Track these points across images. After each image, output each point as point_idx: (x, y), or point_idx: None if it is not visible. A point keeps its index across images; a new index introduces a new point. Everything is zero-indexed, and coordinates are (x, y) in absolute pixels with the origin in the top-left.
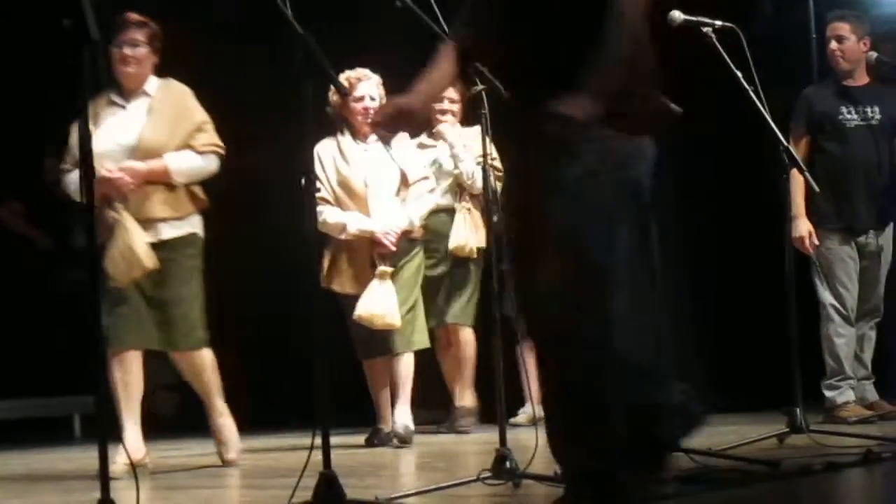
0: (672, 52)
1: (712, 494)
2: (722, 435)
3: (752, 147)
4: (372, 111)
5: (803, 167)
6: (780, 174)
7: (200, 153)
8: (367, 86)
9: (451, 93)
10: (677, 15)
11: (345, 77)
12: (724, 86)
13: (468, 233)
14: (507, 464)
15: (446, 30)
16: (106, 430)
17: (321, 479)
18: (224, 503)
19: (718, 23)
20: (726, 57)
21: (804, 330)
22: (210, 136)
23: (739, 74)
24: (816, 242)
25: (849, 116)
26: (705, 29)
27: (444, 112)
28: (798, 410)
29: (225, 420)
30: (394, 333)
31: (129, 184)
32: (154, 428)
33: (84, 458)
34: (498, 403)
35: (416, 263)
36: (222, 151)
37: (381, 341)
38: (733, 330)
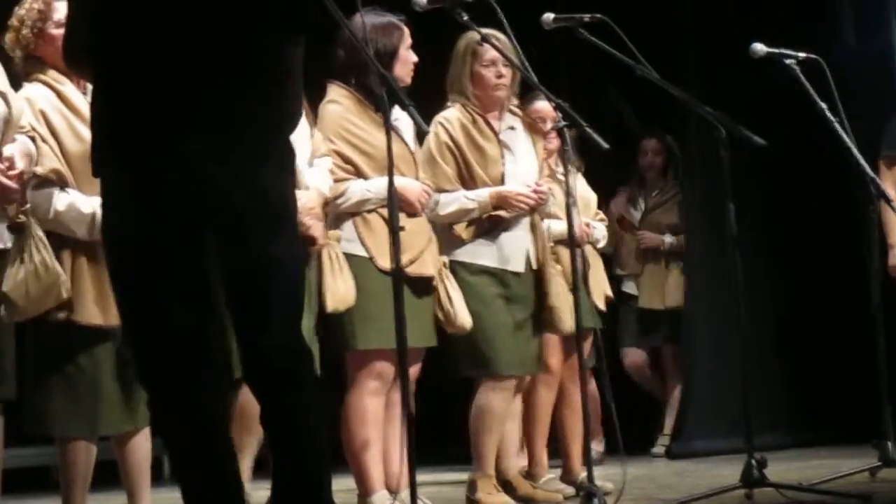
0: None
1: None
2: (813, 469)
3: (840, 177)
4: None
5: (889, 198)
6: (868, 204)
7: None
8: None
9: None
10: (760, 47)
11: None
12: (808, 117)
13: None
14: (595, 500)
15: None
16: None
17: None
18: None
19: (802, 54)
20: (810, 89)
21: (894, 361)
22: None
23: (824, 106)
24: None
25: None
26: (788, 61)
27: None
28: (889, 444)
29: None
30: None
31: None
32: None
33: (172, 499)
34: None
35: None
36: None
37: None
38: (822, 363)
